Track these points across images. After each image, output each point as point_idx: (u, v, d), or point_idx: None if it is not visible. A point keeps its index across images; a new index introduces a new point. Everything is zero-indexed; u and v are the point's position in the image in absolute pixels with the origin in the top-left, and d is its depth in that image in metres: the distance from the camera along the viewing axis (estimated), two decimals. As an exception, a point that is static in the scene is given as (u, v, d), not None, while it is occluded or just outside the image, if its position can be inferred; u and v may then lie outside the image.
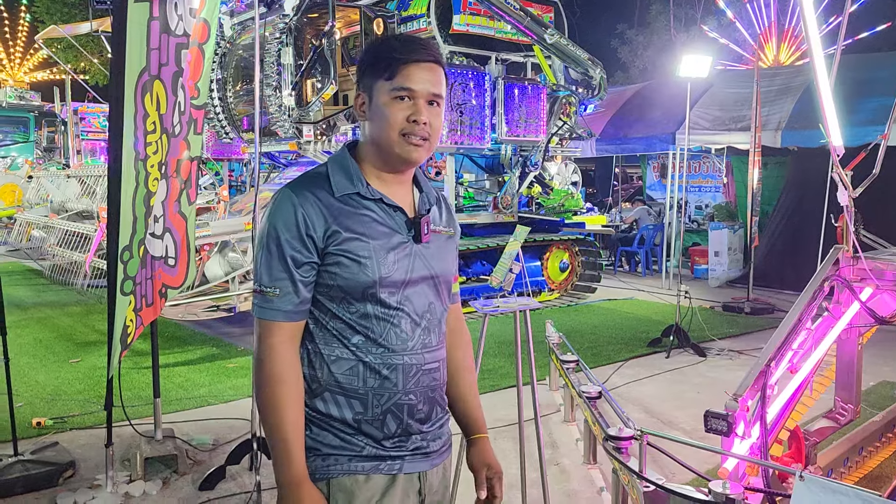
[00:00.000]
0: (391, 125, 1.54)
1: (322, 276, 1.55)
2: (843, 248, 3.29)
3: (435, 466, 1.67)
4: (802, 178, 10.17)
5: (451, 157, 8.58)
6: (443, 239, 1.70)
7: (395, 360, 1.58)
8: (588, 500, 3.74)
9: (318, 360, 1.58)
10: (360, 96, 1.61)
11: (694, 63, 6.99)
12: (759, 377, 2.74)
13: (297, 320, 1.56)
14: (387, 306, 1.56)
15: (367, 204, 1.57)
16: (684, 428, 4.80)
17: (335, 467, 1.56)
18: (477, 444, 1.83)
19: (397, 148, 1.56)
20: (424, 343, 1.62)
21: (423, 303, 1.62)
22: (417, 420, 1.62)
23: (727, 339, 7.31)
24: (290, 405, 1.53)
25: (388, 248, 1.56)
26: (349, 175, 1.59)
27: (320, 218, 1.53)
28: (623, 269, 12.41)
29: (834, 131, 3.08)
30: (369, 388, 1.56)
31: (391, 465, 1.59)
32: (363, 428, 1.57)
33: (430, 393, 1.64)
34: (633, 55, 26.09)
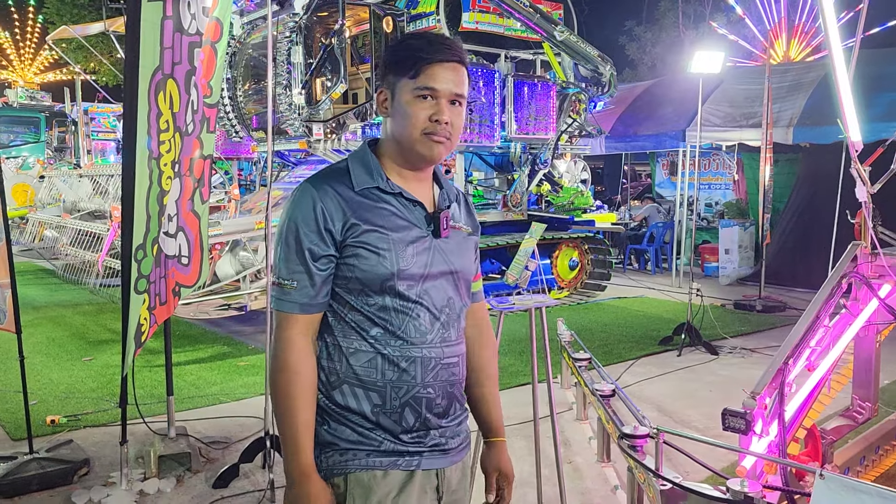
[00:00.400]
0: (414, 124, 1.55)
1: (340, 269, 1.56)
2: (861, 245, 3.26)
3: (454, 464, 1.66)
4: (814, 174, 10.10)
5: (460, 155, 8.57)
6: (462, 236, 1.70)
7: (413, 353, 1.58)
8: (602, 498, 3.73)
9: (336, 352, 1.59)
10: (382, 92, 1.62)
11: (706, 59, 6.95)
12: (777, 375, 2.72)
13: (314, 313, 1.57)
14: (405, 299, 1.57)
15: (387, 198, 1.58)
16: (697, 426, 4.78)
17: (353, 462, 1.56)
18: (493, 448, 1.85)
19: (419, 146, 1.57)
20: (444, 337, 1.63)
21: (442, 297, 1.63)
22: (436, 414, 1.61)
23: (739, 337, 7.27)
24: (302, 396, 1.54)
25: (407, 241, 1.57)
26: (369, 170, 1.60)
27: (339, 211, 1.54)
28: (633, 267, 12.37)
29: (852, 126, 3.05)
30: (388, 381, 1.57)
31: (409, 461, 1.58)
32: (381, 421, 1.57)
33: (448, 388, 1.64)
34: (641, 52, 26.01)
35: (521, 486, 3.85)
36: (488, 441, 1.86)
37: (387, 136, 1.63)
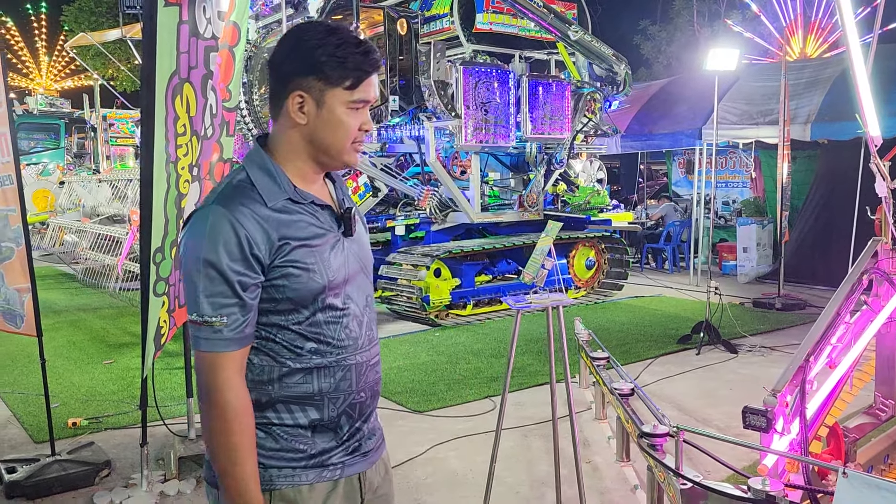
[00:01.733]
0: (348, 135, 1.52)
1: (268, 292, 1.47)
2: (881, 241, 3.22)
3: (373, 464, 1.65)
4: (833, 171, 9.99)
5: (475, 155, 8.57)
6: (360, 226, 1.67)
7: (348, 361, 1.55)
8: (622, 497, 3.71)
9: (266, 373, 1.51)
10: (299, 97, 1.49)
11: (722, 56, 6.90)
12: (798, 372, 2.69)
13: (248, 344, 1.49)
14: (335, 309, 1.53)
15: (299, 208, 1.51)
16: (718, 425, 4.74)
17: (279, 479, 1.51)
18: None
19: (346, 156, 1.54)
20: (370, 338, 1.62)
21: (362, 297, 1.61)
22: (365, 416, 1.62)
23: (758, 335, 7.20)
24: (247, 442, 1.46)
25: (327, 249, 1.52)
26: (274, 179, 1.51)
27: (262, 234, 1.44)
28: (650, 266, 12.29)
29: (871, 121, 3.01)
30: (325, 394, 1.53)
31: (333, 472, 1.56)
32: (317, 435, 1.54)
33: (374, 387, 1.64)
34: (656, 51, 25.85)
35: (539, 487, 3.84)
36: None
37: (298, 142, 1.53)
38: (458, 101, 7.99)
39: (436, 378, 5.84)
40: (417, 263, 7.80)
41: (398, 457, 4.19)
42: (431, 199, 8.34)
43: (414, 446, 4.40)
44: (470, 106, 8.00)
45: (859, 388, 3.46)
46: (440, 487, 3.86)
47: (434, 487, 3.86)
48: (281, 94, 1.52)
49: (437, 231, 8.70)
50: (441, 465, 4.14)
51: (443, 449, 4.37)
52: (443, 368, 6.13)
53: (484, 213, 8.69)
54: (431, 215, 8.51)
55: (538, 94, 8.58)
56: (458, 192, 8.37)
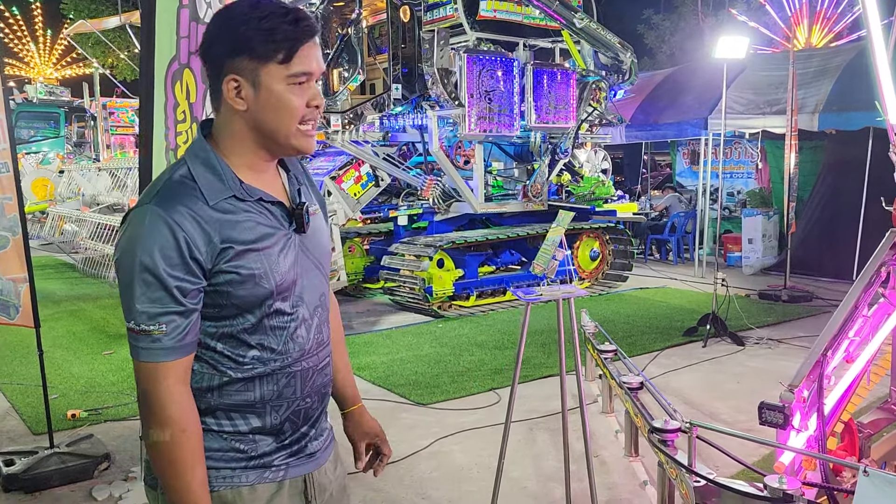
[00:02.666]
0: (292, 116, 1.38)
1: (210, 297, 1.37)
2: (900, 232, 3.13)
3: (320, 466, 1.57)
4: (840, 162, 9.89)
5: (479, 145, 8.47)
6: (317, 219, 1.55)
7: (293, 368, 1.46)
8: (630, 493, 3.64)
9: (205, 381, 1.42)
10: (233, 81, 1.37)
11: (730, 45, 6.80)
12: (816, 367, 2.62)
13: (191, 353, 1.38)
14: (283, 314, 1.43)
15: (246, 206, 1.39)
16: (726, 419, 4.67)
17: (217, 481, 1.43)
18: (353, 416, 1.76)
19: (295, 140, 1.41)
20: (318, 341, 1.52)
21: (315, 297, 1.51)
22: (311, 421, 1.53)
23: (765, 327, 7.13)
24: (194, 456, 1.36)
25: (277, 251, 1.41)
26: (218, 174, 1.38)
27: (203, 236, 1.33)
28: (654, 257, 12.20)
29: (892, 108, 2.92)
30: (266, 402, 1.44)
31: (276, 473, 1.48)
32: (258, 441, 1.46)
33: (322, 390, 1.55)
34: (660, 41, 25.71)
35: (546, 482, 3.78)
36: (347, 412, 1.76)
37: (241, 130, 1.41)
38: (461, 90, 7.89)
39: (439, 370, 5.77)
40: (420, 254, 7.72)
41: (402, 450, 4.13)
42: (434, 189, 8.25)
43: (418, 440, 4.33)
44: (474, 94, 7.90)
45: (875, 383, 3.38)
46: (445, 482, 3.80)
47: (439, 482, 3.80)
48: (216, 82, 1.40)
49: (440, 221, 8.62)
50: (446, 459, 4.07)
51: (447, 442, 4.30)
52: (446, 360, 6.06)
53: (487, 204, 8.60)
54: (434, 205, 8.43)
55: (543, 82, 8.47)
56: (461, 182, 8.28)
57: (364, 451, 1.76)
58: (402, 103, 8.14)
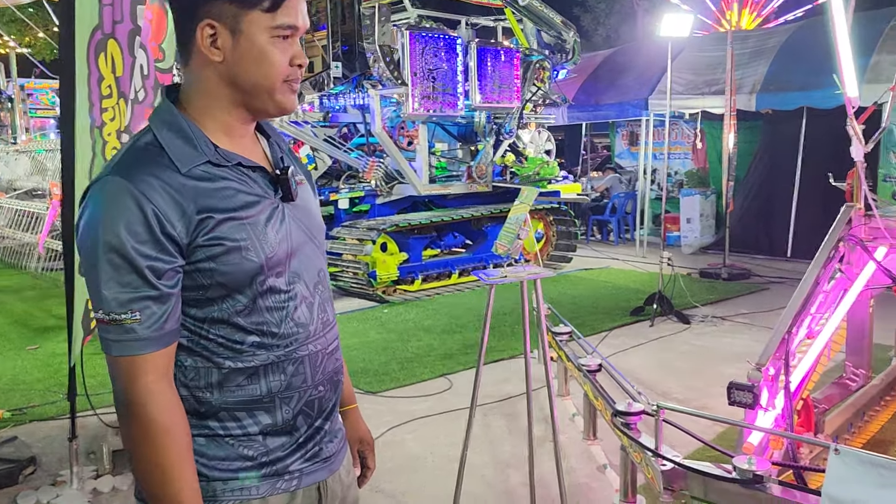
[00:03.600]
0: (277, 70, 1.23)
1: (193, 278, 1.21)
2: (855, 207, 3.13)
3: (334, 472, 1.41)
4: (775, 141, 10.12)
5: (423, 125, 8.29)
6: (305, 189, 1.40)
7: (299, 353, 1.31)
8: (588, 476, 3.58)
9: (203, 378, 1.25)
10: (209, 27, 1.21)
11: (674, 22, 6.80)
12: (781, 344, 2.57)
13: (172, 343, 1.21)
14: (279, 292, 1.27)
15: (223, 172, 1.23)
16: (678, 398, 4.67)
17: (224, 495, 1.27)
18: (349, 418, 1.62)
19: (279, 97, 1.25)
20: (324, 321, 1.36)
21: (313, 273, 1.35)
22: (326, 413, 1.38)
23: (708, 305, 7.22)
24: (182, 459, 1.19)
25: (263, 220, 1.25)
26: (188, 138, 1.22)
27: (175, 208, 1.16)
28: (595, 238, 12.30)
29: (850, 83, 2.89)
30: (275, 394, 1.28)
31: (289, 481, 1.32)
32: (269, 442, 1.30)
33: (335, 377, 1.40)
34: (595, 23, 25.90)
35: (504, 468, 3.68)
36: (343, 411, 1.60)
37: (216, 86, 1.25)
38: (404, 68, 7.67)
39: (388, 357, 5.61)
40: (363, 238, 7.51)
41: (353, 441, 3.96)
42: (377, 171, 8.03)
43: (371, 429, 4.16)
44: (417, 73, 7.69)
45: (829, 359, 3.39)
46: (400, 472, 3.66)
47: (394, 473, 3.65)
48: (188, 29, 1.22)
49: (382, 204, 8.41)
50: (400, 449, 3.93)
51: (400, 431, 4.16)
52: (394, 346, 5.90)
53: (431, 185, 8.44)
54: (377, 188, 8.21)
55: (487, 61, 8.33)
56: (405, 164, 8.09)
57: (356, 457, 1.62)
58: (342, 82, 7.87)
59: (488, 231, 8.75)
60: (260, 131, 1.38)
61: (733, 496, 2.38)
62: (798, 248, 9.27)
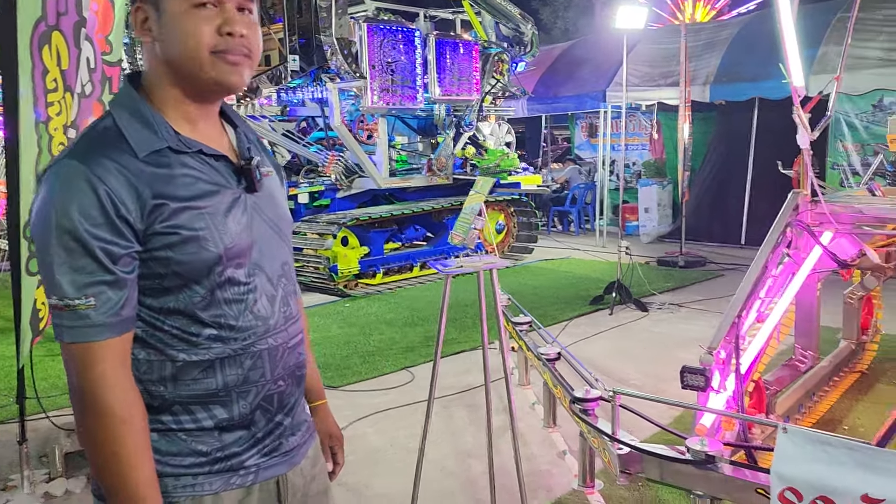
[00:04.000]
0: (198, 41, 1.19)
1: (149, 266, 1.18)
2: (801, 193, 3.20)
3: (294, 466, 1.39)
4: (728, 132, 10.33)
5: (382, 118, 8.25)
6: (272, 181, 1.38)
7: (258, 346, 1.28)
8: (549, 463, 3.62)
9: (156, 370, 1.22)
10: (139, 10, 1.22)
11: (629, 14, 6.88)
12: (732, 328, 2.63)
13: (128, 330, 1.18)
14: (238, 283, 1.25)
15: (184, 159, 1.21)
16: (635, 384, 4.75)
17: (177, 491, 1.24)
18: (318, 413, 1.60)
19: (210, 70, 1.21)
20: (286, 315, 1.34)
21: (276, 265, 1.33)
22: (287, 409, 1.36)
23: (666, 292, 7.34)
24: (138, 449, 1.17)
25: (223, 210, 1.23)
26: (148, 123, 1.20)
27: (131, 192, 1.14)
28: (556, 229, 12.42)
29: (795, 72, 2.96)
30: (232, 388, 1.26)
31: (244, 476, 1.30)
32: (225, 437, 1.27)
33: (297, 372, 1.37)
34: (554, 16, 26.04)
35: (465, 459, 3.70)
36: (312, 407, 1.60)
37: (158, 69, 1.24)
38: (362, 61, 7.62)
39: (349, 351, 5.59)
40: (323, 232, 7.46)
41: (314, 436, 3.95)
42: (336, 165, 7.98)
43: (331, 424, 4.15)
44: (375, 66, 7.65)
45: (779, 342, 3.48)
46: (361, 466, 3.65)
47: (355, 466, 3.64)
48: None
49: (342, 198, 8.36)
50: (360, 443, 3.92)
51: (361, 425, 4.15)
52: (356, 340, 5.88)
53: (391, 179, 8.42)
54: (337, 182, 8.16)
55: (446, 54, 8.32)
56: (364, 157, 8.05)
57: (327, 452, 1.60)
58: (300, 76, 7.78)
59: (449, 223, 8.75)
60: (228, 121, 1.36)
61: (687, 477, 2.42)
62: (751, 236, 9.48)
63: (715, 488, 2.36)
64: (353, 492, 3.41)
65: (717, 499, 2.40)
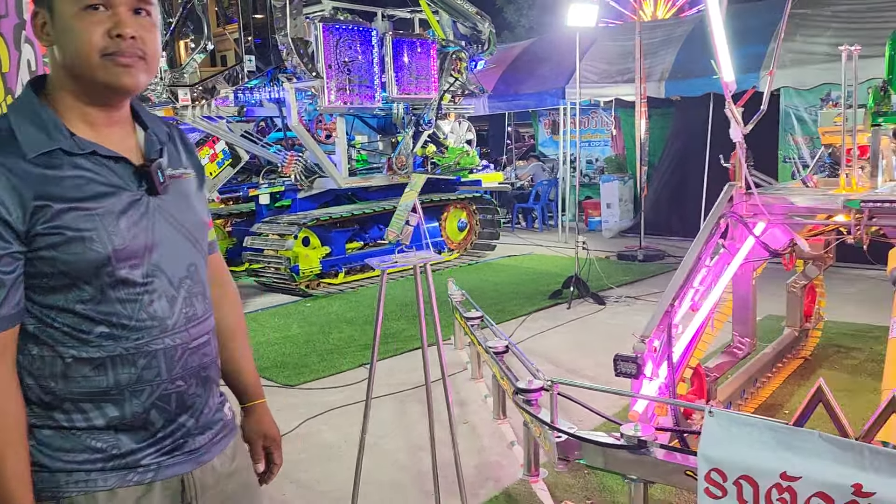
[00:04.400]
0: (88, 44, 1.21)
1: (35, 265, 1.20)
2: (736, 185, 3.31)
3: (202, 465, 1.39)
4: (685, 127, 10.50)
5: (340, 118, 8.26)
6: (185, 183, 1.39)
7: (153, 346, 1.28)
8: (499, 454, 3.68)
9: (47, 367, 1.24)
10: (38, 15, 1.24)
11: (581, 12, 6.98)
12: (664, 317, 2.71)
13: (9, 327, 1.20)
14: (133, 284, 1.26)
15: (77, 161, 1.22)
16: (588, 375, 4.84)
17: (68, 486, 1.24)
18: (254, 413, 1.62)
19: (101, 73, 1.22)
20: (189, 316, 1.34)
21: (180, 267, 1.34)
22: (190, 407, 1.36)
23: (623, 286, 7.47)
24: (11, 442, 1.18)
25: (116, 211, 1.24)
26: (43, 125, 1.22)
27: (12, 193, 1.16)
28: (521, 225, 12.53)
29: (726, 68, 3.06)
30: (124, 387, 1.26)
31: (143, 474, 1.30)
32: (120, 434, 1.28)
33: (202, 373, 1.38)
34: (518, 14, 26.19)
35: (417, 451, 3.75)
36: (247, 407, 1.62)
37: (58, 73, 1.26)
38: (318, 61, 7.63)
39: (308, 350, 5.61)
40: (284, 233, 7.46)
41: (268, 435, 3.98)
42: (296, 165, 7.97)
43: (285, 422, 4.17)
44: (332, 65, 7.66)
45: (718, 329, 3.59)
46: (313, 462, 3.68)
47: (307, 463, 3.68)
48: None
49: (303, 198, 8.35)
50: (314, 440, 3.95)
51: (315, 422, 4.18)
52: (315, 339, 5.90)
53: (352, 178, 8.43)
54: (297, 182, 8.15)
55: (403, 53, 8.36)
56: (323, 157, 8.05)
57: (261, 452, 1.61)
58: (256, 76, 7.76)
59: (411, 222, 8.80)
60: (139, 123, 1.37)
61: (622, 462, 2.50)
62: (709, 229, 9.64)
63: (647, 472, 2.44)
64: (305, 488, 3.44)
65: (650, 482, 2.49)
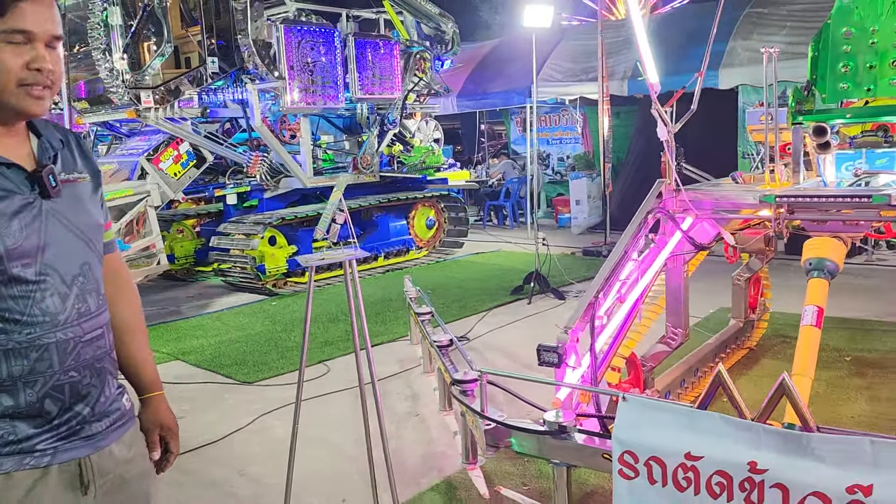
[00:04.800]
0: (8, 73, 1.32)
1: None
2: (665, 182, 3.44)
3: (101, 449, 1.48)
4: (649, 124, 10.64)
5: (305, 118, 8.33)
6: (79, 187, 1.49)
7: (45, 340, 1.38)
8: (445, 445, 3.80)
9: None
10: None
11: (537, 13, 7.11)
12: (588, 309, 2.84)
13: None
14: (24, 281, 1.35)
15: None
16: (542, 368, 4.96)
17: None
18: (150, 404, 1.72)
19: (15, 100, 1.35)
20: (81, 311, 1.44)
21: (73, 266, 1.44)
22: (85, 397, 1.45)
23: (585, 281, 7.60)
24: None
25: (8, 213, 1.34)
26: None
27: None
28: (492, 222, 12.66)
29: (650, 69, 3.19)
30: (17, 378, 1.35)
31: (39, 458, 1.38)
32: (15, 421, 1.36)
33: (96, 364, 1.48)
34: (493, 12, 26.32)
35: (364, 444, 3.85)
36: (144, 398, 1.72)
37: None
38: (281, 62, 7.70)
39: (269, 347, 5.69)
40: (250, 232, 7.53)
41: (223, 430, 4.07)
42: (261, 166, 8.04)
43: (240, 418, 4.27)
44: (294, 66, 7.73)
45: (654, 321, 3.72)
46: (265, 457, 3.78)
47: (259, 458, 3.77)
48: None
49: (270, 198, 8.43)
50: (267, 435, 4.05)
51: (269, 418, 4.27)
52: (277, 337, 5.99)
53: (317, 178, 8.50)
54: (262, 182, 8.22)
55: (366, 53, 8.44)
56: (288, 157, 8.12)
57: (156, 441, 1.71)
58: (220, 77, 7.82)
59: (378, 221, 8.91)
60: (33, 131, 1.47)
61: (546, 447, 2.62)
62: (673, 224, 9.83)
63: (569, 456, 2.57)
64: (256, 482, 3.54)
65: (572, 465, 2.61)
